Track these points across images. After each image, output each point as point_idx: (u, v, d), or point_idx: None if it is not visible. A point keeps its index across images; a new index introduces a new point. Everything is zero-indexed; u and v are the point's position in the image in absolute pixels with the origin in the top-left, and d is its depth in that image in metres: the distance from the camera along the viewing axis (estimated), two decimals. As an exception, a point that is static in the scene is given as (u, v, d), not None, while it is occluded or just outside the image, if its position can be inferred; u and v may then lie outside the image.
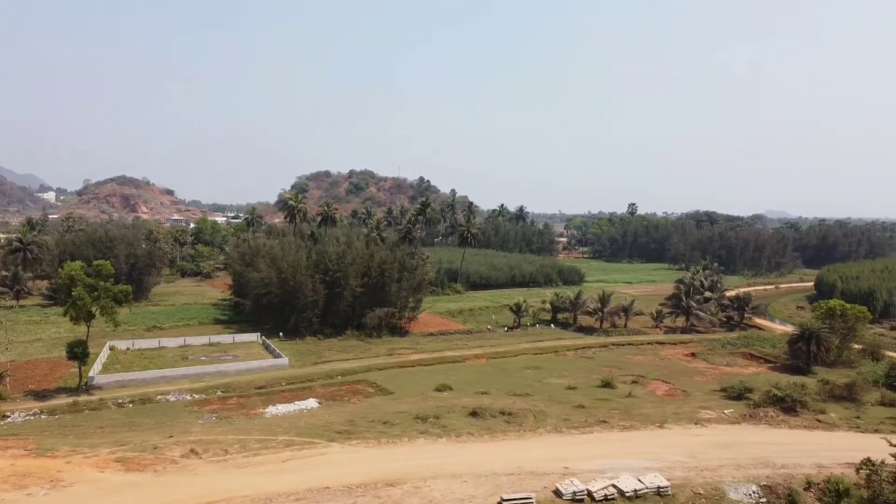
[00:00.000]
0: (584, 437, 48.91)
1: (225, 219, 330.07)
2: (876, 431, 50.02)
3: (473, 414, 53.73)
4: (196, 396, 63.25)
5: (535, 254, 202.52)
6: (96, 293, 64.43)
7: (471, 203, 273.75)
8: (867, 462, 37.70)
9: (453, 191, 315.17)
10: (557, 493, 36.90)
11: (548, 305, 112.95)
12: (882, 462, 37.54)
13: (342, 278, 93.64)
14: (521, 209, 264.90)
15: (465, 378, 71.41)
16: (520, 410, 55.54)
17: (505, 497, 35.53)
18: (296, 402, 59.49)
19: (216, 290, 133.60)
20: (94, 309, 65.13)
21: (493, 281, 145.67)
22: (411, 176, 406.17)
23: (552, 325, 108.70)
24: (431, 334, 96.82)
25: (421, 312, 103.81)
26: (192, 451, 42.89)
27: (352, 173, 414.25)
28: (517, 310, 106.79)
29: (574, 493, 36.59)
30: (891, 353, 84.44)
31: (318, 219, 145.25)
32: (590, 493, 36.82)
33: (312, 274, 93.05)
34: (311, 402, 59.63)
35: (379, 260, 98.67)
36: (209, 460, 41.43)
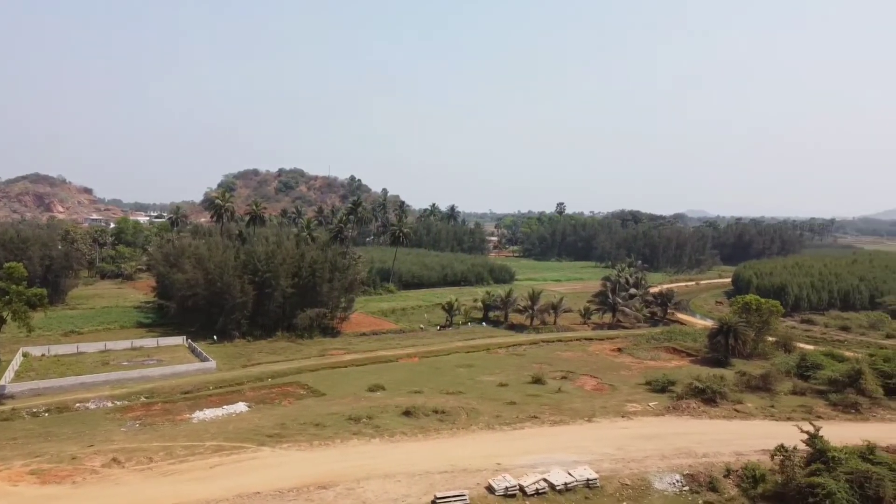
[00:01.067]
0: (516, 433, 49.66)
1: (148, 218, 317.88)
2: (788, 419, 52.82)
3: (407, 413, 53.74)
4: (118, 403, 60.77)
5: (467, 253, 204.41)
6: (7, 297, 61.20)
7: (402, 202, 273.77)
8: (781, 448, 40.00)
9: (385, 190, 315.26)
10: (490, 489, 37.39)
11: (479, 304, 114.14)
12: (794, 448, 39.92)
13: (272, 279, 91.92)
14: (452, 208, 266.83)
15: (398, 377, 71.33)
16: (453, 408, 55.91)
17: (438, 495, 35.73)
18: (224, 407, 58.04)
19: (139, 293, 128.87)
20: (5, 314, 61.87)
21: (426, 280, 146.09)
22: (342, 175, 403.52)
23: (484, 323, 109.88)
24: (364, 334, 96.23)
25: (353, 312, 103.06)
26: (113, 460, 41.26)
27: (281, 172, 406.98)
28: (449, 308, 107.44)
29: (506, 488, 37.15)
30: (801, 345, 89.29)
31: (247, 218, 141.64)
32: (522, 488, 37.47)
33: (241, 274, 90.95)
34: (241, 406, 58.32)
35: (310, 260, 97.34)
36: (132, 469, 39.95)
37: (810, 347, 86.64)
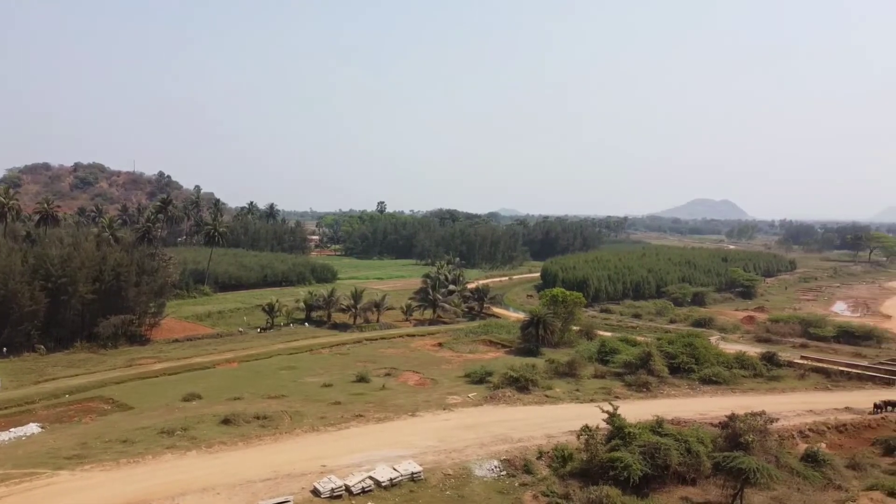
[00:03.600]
0: (341, 433, 49.58)
1: None
2: (592, 401, 57.72)
3: (226, 421, 51.54)
4: None
5: (288, 252, 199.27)
6: None
7: (217, 200, 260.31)
8: (585, 428, 43.92)
9: (198, 187, 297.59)
10: (315, 492, 37.08)
11: (301, 304, 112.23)
12: (597, 427, 44.11)
13: (68, 284, 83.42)
14: (271, 207, 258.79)
15: (216, 385, 68.12)
16: (275, 413, 54.54)
17: (261, 503, 34.84)
18: (12, 430, 51.74)
19: None
20: None
21: (245, 281, 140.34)
22: (149, 171, 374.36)
23: (306, 323, 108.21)
24: (177, 340, 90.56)
25: (164, 318, 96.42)
26: None
27: (77, 166, 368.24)
28: (270, 310, 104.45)
29: (332, 489, 37.04)
30: (601, 332, 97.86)
31: (37, 217, 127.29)
32: (348, 488, 37.56)
33: (30, 280, 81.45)
34: (32, 427, 52.38)
35: (113, 262, 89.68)
36: None
37: (609, 334, 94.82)
